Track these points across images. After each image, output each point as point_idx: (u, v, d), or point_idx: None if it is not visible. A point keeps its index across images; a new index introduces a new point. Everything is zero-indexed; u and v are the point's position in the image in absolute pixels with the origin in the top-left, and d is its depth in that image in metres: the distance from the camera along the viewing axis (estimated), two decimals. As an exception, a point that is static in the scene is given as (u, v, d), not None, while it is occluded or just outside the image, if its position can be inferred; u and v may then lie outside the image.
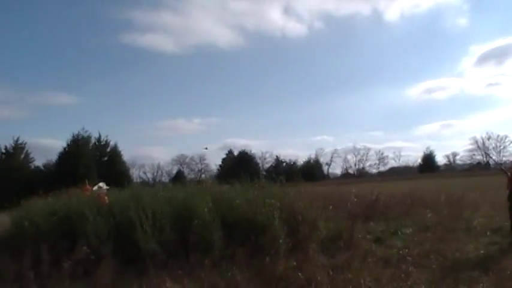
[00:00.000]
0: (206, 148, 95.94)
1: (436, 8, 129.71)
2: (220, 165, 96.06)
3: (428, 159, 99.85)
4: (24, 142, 71.07)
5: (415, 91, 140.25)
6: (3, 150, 68.56)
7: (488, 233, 11.90)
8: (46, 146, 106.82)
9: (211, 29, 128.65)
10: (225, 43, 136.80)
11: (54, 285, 8.59)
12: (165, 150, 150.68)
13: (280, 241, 9.98)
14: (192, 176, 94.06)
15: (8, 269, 9.31)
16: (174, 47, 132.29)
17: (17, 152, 69.60)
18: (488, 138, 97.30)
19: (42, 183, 30.91)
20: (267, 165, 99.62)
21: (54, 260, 9.37)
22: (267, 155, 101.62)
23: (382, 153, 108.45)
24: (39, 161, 73.36)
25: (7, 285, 8.68)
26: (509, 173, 11.58)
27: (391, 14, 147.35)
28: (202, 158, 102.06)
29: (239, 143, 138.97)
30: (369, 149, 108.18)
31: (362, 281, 7.59)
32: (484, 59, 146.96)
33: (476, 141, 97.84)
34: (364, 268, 8.54)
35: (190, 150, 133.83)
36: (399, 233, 12.72)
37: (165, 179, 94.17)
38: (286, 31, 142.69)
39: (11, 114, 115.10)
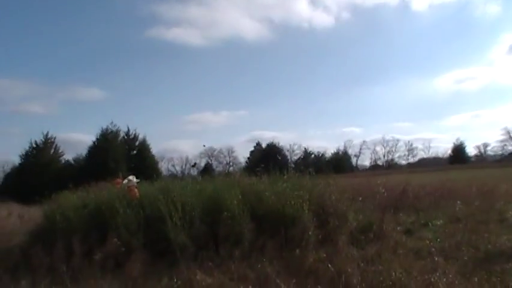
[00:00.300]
0: (204, 146, 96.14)
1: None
2: (248, 158, 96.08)
3: (459, 150, 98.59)
4: (53, 137, 72.13)
5: (444, 81, 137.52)
6: (34, 145, 69.54)
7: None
8: (75, 140, 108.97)
9: (238, 21, 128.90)
10: (252, 36, 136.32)
11: (85, 277, 8.70)
12: (193, 144, 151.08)
13: (310, 233, 9.93)
14: (220, 169, 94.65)
15: (40, 261, 9.45)
16: (200, 40, 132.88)
17: (46, 147, 70.53)
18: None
19: (73, 177, 31.31)
20: (295, 158, 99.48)
21: (86, 253, 9.51)
22: (295, 147, 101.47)
23: (411, 145, 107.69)
24: (68, 156, 74.22)
25: (40, 277, 8.78)
26: None
27: (419, 4, 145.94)
28: (230, 151, 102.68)
29: (267, 135, 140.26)
30: (398, 140, 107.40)
31: (393, 273, 7.54)
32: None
33: (508, 132, 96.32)
34: (395, 260, 8.48)
35: (219, 143, 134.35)
36: (430, 224, 12.60)
37: (194, 172, 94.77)
38: (313, 22, 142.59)
39: (40, 109, 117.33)
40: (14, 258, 10.78)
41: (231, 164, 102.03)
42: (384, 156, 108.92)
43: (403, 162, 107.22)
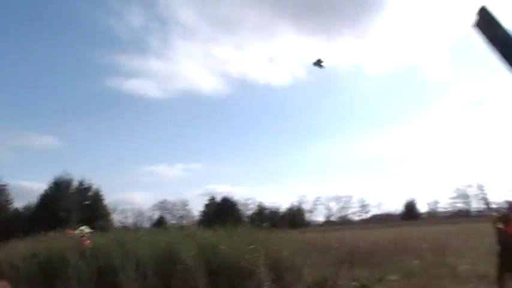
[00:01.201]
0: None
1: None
2: (203, 211, 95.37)
3: (410, 206, 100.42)
4: (5, 184, 70.11)
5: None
6: (-20, 192, 67.52)
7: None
8: (26, 188, 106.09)
9: (196, 74, 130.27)
10: (210, 89, 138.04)
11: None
12: (146, 196, 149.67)
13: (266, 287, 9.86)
14: (174, 222, 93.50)
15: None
16: (157, 92, 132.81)
17: (-3, 193, 68.56)
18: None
19: (22, 225, 30.50)
20: (249, 212, 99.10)
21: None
22: (250, 202, 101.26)
23: (364, 201, 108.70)
24: (18, 203, 72.02)
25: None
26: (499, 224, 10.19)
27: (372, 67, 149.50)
28: (184, 204, 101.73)
29: (221, 189, 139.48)
30: (351, 197, 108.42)
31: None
32: None
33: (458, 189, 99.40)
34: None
35: (173, 195, 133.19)
36: (384, 279, 12.62)
37: (147, 224, 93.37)
38: (270, 79, 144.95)
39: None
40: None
41: (184, 217, 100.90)
42: (338, 212, 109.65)
43: (357, 218, 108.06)
